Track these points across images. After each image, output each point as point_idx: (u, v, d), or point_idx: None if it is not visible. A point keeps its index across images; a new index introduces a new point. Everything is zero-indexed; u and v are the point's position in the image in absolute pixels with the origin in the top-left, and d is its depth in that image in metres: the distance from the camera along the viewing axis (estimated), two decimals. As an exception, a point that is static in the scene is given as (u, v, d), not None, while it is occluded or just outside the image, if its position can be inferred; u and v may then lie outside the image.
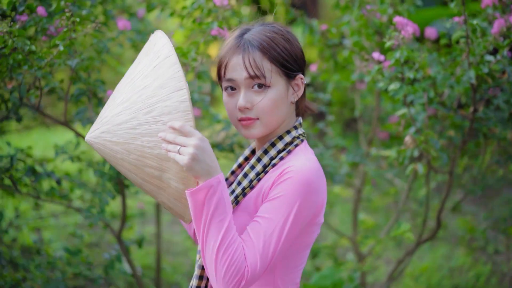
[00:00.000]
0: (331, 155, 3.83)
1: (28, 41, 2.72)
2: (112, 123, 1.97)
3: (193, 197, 1.89)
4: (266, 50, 2.00)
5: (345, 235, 3.80)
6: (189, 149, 1.86)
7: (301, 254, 2.08)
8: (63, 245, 5.56)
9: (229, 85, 2.05)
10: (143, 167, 1.97)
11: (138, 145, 1.94)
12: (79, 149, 3.81)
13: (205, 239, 1.89)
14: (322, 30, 3.63)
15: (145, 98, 1.94)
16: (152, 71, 1.96)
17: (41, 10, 2.99)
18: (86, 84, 3.22)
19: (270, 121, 2.03)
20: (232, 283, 1.86)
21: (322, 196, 2.01)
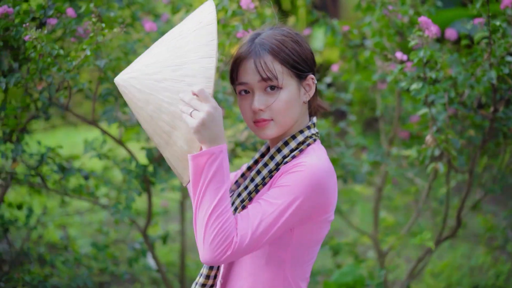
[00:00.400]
0: (352, 154, 3.86)
1: (56, 46, 2.78)
2: (141, 72, 2.05)
3: (195, 161, 1.94)
4: (277, 52, 2.05)
5: (366, 233, 3.81)
6: (200, 114, 1.91)
7: (310, 250, 2.12)
8: (88, 242, 5.62)
9: (242, 88, 2.10)
10: (157, 119, 2.03)
11: (158, 98, 2.01)
12: (106, 147, 3.86)
13: (199, 203, 1.93)
14: (344, 31, 3.65)
15: (176, 57, 2.01)
16: (190, 34, 2.03)
17: (70, 12, 3.04)
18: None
19: (284, 121, 2.08)
20: (218, 249, 1.90)
21: (329, 196, 2.04)
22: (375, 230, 3.73)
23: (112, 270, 4.72)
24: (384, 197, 4.20)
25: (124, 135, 4.11)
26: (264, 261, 2.10)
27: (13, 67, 3.19)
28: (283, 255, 2.08)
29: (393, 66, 2.99)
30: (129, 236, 5.84)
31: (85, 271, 4.57)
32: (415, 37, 2.73)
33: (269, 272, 2.09)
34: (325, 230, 2.13)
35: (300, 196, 1.96)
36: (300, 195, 1.96)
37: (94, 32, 2.76)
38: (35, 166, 3.50)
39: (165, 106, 2.01)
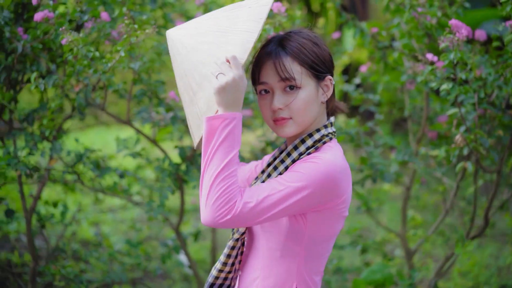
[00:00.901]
0: (380, 153, 3.88)
1: (91, 49, 2.84)
2: (191, 30, 2.14)
3: (209, 123, 2.00)
4: (296, 54, 2.11)
5: (394, 231, 3.82)
6: (225, 78, 1.99)
7: (324, 244, 2.16)
8: (121, 238, 5.69)
9: (263, 88, 2.16)
10: (190, 77, 2.11)
11: (196, 57, 2.09)
12: (139, 146, 3.92)
13: (208, 164, 1.99)
14: (373, 32, 3.67)
15: (225, 25, 2.08)
16: (244, 8, 2.11)
17: (105, 16, 3.10)
18: (147, 85, 3.33)
19: (302, 120, 2.13)
20: (219, 211, 1.94)
21: (340, 192, 2.07)
22: (403, 229, 3.74)
23: (145, 266, 4.78)
24: (412, 196, 4.20)
25: (158, 135, 4.16)
26: (279, 253, 2.14)
27: (51, 69, 3.26)
28: (297, 248, 2.12)
29: (423, 67, 3.00)
30: (161, 233, 5.91)
31: (118, 267, 4.64)
32: (445, 40, 2.74)
33: (284, 265, 2.14)
34: (338, 225, 2.16)
35: (309, 186, 2.00)
36: (310, 185, 2.00)
37: (127, 33, 2.81)
38: (72, 164, 3.57)
39: (199, 66, 2.08)
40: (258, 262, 2.20)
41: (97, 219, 6.59)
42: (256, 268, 2.21)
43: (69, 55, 2.85)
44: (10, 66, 3.36)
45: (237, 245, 2.25)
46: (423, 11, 3.17)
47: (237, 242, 2.24)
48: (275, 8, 2.98)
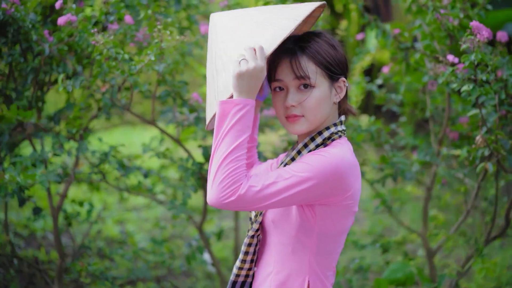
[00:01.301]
0: (403, 154, 3.90)
1: (121, 51, 2.89)
2: (232, 16, 2.21)
3: (222, 106, 2.06)
4: (312, 54, 2.15)
5: (415, 231, 3.83)
6: (246, 65, 2.04)
7: (335, 240, 2.19)
8: (145, 237, 5.75)
9: (277, 85, 2.19)
10: (219, 58, 2.17)
11: (229, 41, 2.15)
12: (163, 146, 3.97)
13: (218, 145, 2.04)
14: (395, 33, 3.67)
15: (261, 18, 2.14)
16: (287, 9, 2.18)
17: (128, 19, 3.15)
18: (171, 86, 3.37)
19: (314, 118, 2.16)
20: (224, 191, 1.99)
21: (346, 187, 2.10)
22: (424, 229, 3.75)
23: (169, 263, 4.83)
24: (435, 196, 4.21)
25: (181, 135, 4.21)
26: (290, 248, 2.18)
27: (77, 70, 3.32)
28: (308, 243, 2.16)
29: (444, 68, 3.01)
30: (185, 232, 5.96)
31: (143, 265, 4.69)
32: (466, 41, 2.75)
33: (295, 260, 2.18)
34: (347, 220, 2.19)
35: (314, 177, 2.04)
36: (315, 177, 2.04)
37: (158, 38, 2.86)
38: (97, 164, 3.62)
39: (229, 49, 2.13)
40: (271, 257, 2.25)
41: (122, 218, 6.66)
42: (270, 263, 2.25)
43: (97, 56, 2.90)
44: (37, 67, 3.42)
45: (253, 241, 2.29)
46: (445, 13, 3.17)
47: (253, 239, 2.29)
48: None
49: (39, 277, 4.59)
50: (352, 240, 4.21)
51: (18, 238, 5.92)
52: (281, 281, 2.21)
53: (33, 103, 3.65)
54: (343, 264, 4.68)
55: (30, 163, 3.36)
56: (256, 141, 2.51)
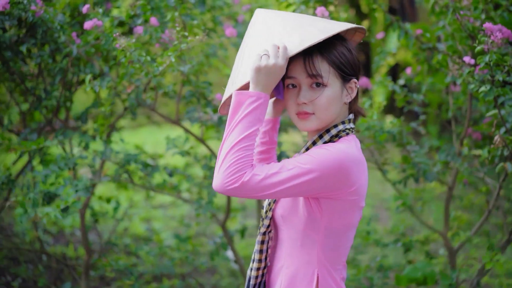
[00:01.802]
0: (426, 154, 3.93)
1: (143, 53, 2.97)
2: (276, 14, 2.26)
3: (237, 97, 2.13)
4: (327, 54, 2.19)
5: (437, 230, 3.86)
6: (266, 61, 2.11)
7: (342, 234, 2.23)
8: (171, 234, 5.83)
9: (291, 82, 2.24)
10: (248, 47, 2.24)
11: (264, 35, 2.21)
12: (188, 145, 4.05)
13: (229, 134, 2.12)
14: (417, 34, 3.71)
15: (298, 24, 2.20)
16: (326, 21, 2.26)
17: (153, 21, 3.23)
18: (195, 86, 3.45)
19: (324, 117, 2.21)
20: (228, 178, 2.06)
21: (350, 181, 2.14)
22: (445, 228, 3.77)
23: (192, 259, 4.91)
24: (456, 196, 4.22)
25: (205, 134, 4.28)
26: (299, 242, 2.24)
27: (103, 71, 3.41)
28: (315, 237, 2.21)
29: (463, 69, 3.04)
30: (209, 230, 6.03)
31: (168, 261, 4.78)
32: (481, 42, 2.78)
33: (304, 254, 2.24)
34: (354, 215, 2.24)
35: (317, 170, 2.09)
36: (318, 169, 2.09)
37: (178, 40, 2.93)
38: (122, 164, 3.72)
39: (258, 43, 2.20)
40: (282, 252, 2.31)
41: (148, 216, 6.77)
42: (281, 258, 2.31)
43: (122, 58, 2.98)
44: (65, 68, 3.52)
45: (266, 239, 2.35)
46: (465, 14, 3.20)
47: (265, 236, 2.35)
48: (319, 12, 3.07)
49: (67, 272, 4.70)
50: (374, 238, 4.25)
51: (47, 235, 6.05)
52: (291, 275, 2.27)
53: (60, 102, 3.75)
54: (365, 263, 4.73)
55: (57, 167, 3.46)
56: (276, 143, 2.57)
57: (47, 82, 3.80)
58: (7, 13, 3.27)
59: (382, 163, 3.76)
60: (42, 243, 4.70)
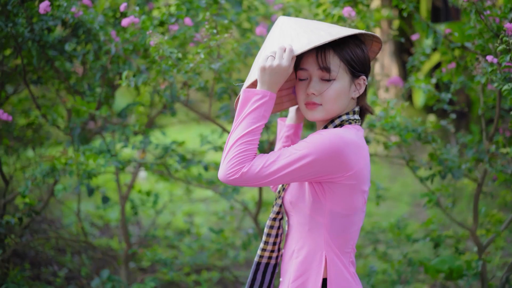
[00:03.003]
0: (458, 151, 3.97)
1: (175, 50, 3.11)
2: (292, 21, 2.39)
3: (245, 94, 2.28)
4: (338, 49, 2.32)
5: (466, 226, 3.90)
6: (272, 61, 2.25)
7: (347, 218, 2.34)
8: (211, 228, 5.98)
9: (302, 73, 2.37)
10: (263, 50, 2.38)
11: (281, 37, 2.35)
12: (221, 141, 4.18)
13: (236, 128, 2.27)
14: (446, 33, 3.75)
15: (312, 28, 2.33)
16: (337, 28, 2.37)
17: (187, 20, 3.37)
18: (227, 83, 3.57)
19: (330, 108, 2.34)
20: (230, 169, 2.21)
21: (345, 163, 2.24)
22: (474, 225, 3.81)
23: (224, 252, 5.03)
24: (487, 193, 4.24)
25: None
26: (307, 227, 2.36)
27: (140, 69, 3.57)
28: (321, 220, 2.33)
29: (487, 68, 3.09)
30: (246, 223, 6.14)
31: (205, 254, 4.91)
32: (503, 42, 2.84)
33: (312, 238, 2.36)
34: (356, 199, 2.34)
35: (313, 154, 2.21)
36: (314, 153, 2.21)
37: (207, 38, 3.07)
38: (160, 156, 3.87)
39: (274, 44, 2.34)
40: (293, 237, 2.43)
41: (191, 210, 6.93)
42: (293, 243, 2.43)
43: (155, 55, 3.13)
44: (105, 65, 3.69)
45: (275, 224, 2.48)
46: (493, 13, 3.23)
47: (274, 221, 2.48)
48: (346, 12, 3.16)
49: (109, 263, 4.89)
50: (405, 234, 4.31)
51: (94, 228, 6.28)
52: (301, 259, 2.39)
53: (101, 99, 3.92)
54: (395, 257, 4.78)
55: (99, 151, 3.64)
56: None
57: (91, 80, 3.98)
58: (50, 15, 3.45)
59: (409, 160, 3.82)
60: (86, 235, 4.89)
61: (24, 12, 3.44)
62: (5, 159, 4.96)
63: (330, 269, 2.35)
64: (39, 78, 4.04)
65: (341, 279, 2.36)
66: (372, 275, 4.16)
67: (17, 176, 5.16)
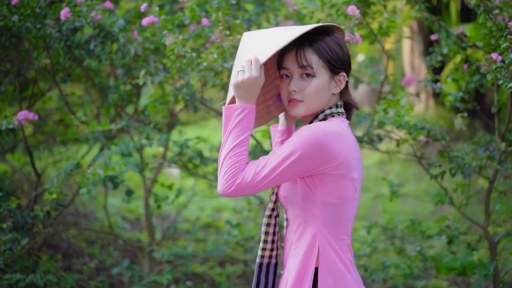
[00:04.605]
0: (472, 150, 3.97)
1: (189, 49, 3.18)
2: (253, 35, 2.48)
3: (226, 111, 2.38)
4: (317, 47, 2.39)
5: (478, 223, 3.88)
6: (242, 76, 2.34)
7: (339, 207, 2.38)
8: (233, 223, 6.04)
9: (284, 72, 2.45)
10: (234, 68, 2.45)
11: (241, 55, 2.42)
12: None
13: (224, 143, 2.36)
14: (458, 33, 3.75)
15: (270, 35, 2.42)
16: (296, 29, 2.40)
17: (205, 21, 3.44)
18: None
19: (311, 104, 2.40)
20: (226, 183, 2.30)
21: (329, 153, 2.30)
22: (486, 221, 3.79)
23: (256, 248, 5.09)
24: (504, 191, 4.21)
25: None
26: (302, 219, 2.42)
27: (158, 68, 3.65)
28: (315, 211, 2.38)
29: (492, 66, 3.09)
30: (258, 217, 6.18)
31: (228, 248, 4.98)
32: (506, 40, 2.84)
33: (307, 229, 2.41)
34: (346, 188, 2.38)
35: (298, 149, 2.28)
36: (299, 148, 2.28)
37: (220, 38, 3.13)
38: (178, 153, 3.95)
39: (241, 59, 2.41)
40: (291, 230, 2.49)
41: (219, 206, 7.02)
42: (291, 235, 2.49)
43: (170, 55, 3.20)
44: (127, 64, 3.78)
45: (271, 222, 2.53)
46: (498, 13, 3.22)
47: (270, 219, 2.53)
48: (350, 11, 3.18)
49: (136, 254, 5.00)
50: (420, 230, 4.31)
51: (125, 221, 6.41)
52: (299, 249, 2.44)
53: (125, 96, 4.02)
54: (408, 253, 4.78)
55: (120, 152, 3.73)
56: None
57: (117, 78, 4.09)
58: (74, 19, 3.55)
59: (420, 158, 3.82)
60: (112, 228, 5.01)
61: (52, 14, 3.55)
62: (38, 154, 5.11)
63: (322, 259, 2.40)
64: (69, 76, 4.16)
65: (333, 269, 2.40)
66: (385, 269, 4.18)
67: (49, 170, 5.31)
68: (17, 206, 3.60)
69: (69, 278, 3.95)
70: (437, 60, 4.10)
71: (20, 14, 3.46)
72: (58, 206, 3.89)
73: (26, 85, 4.45)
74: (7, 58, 3.86)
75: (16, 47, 3.76)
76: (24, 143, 4.03)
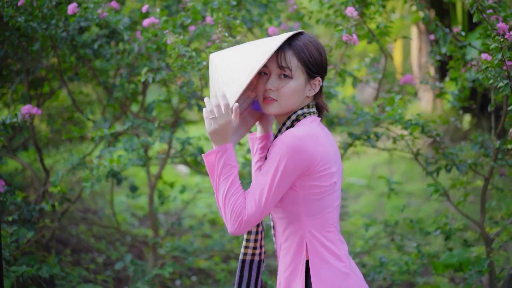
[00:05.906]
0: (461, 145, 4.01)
1: (189, 49, 3.25)
2: (223, 56, 2.48)
3: (206, 159, 2.41)
4: (298, 51, 2.43)
5: (473, 219, 3.92)
6: (214, 124, 2.37)
7: (321, 201, 2.43)
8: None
9: (263, 70, 2.47)
10: (212, 85, 2.48)
11: (218, 74, 2.45)
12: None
13: (216, 190, 2.39)
14: (454, 32, 3.79)
15: (237, 60, 2.42)
16: (268, 41, 2.43)
17: (209, 19, 3.51)
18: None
19: (285, 104, 2.45)
20: (235, 224, 2.33)
21: (309, 154, 2.35)
22: (481, 217, 3.83)
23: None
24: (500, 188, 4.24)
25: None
26: (287, 220, 2.47)
27: (160, 66, 3.72)
28: (297, 209, 2.43)
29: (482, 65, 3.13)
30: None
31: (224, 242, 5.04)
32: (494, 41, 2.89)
33: (293, 227, 2.46)
34: (326, 181, 2.43)
35: (282, 159, 2.33)
36: (282, 158, 2.33)
37: (220, 39, 3.20)
38: (180, 149, 4.03)
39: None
40: (278, 232, 2.54)
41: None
42: (279, 237, 2.54)
43: (171, 53, 3.27)
44: (130, 63, 3.86)
45: None
46: (491, 13, 3.26)
47: None
48: (348, 12, 3.24)
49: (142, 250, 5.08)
50: (419, 227, 4.34)
51: (134, 218, 6.49)
52: (287, 249, 2.50)
53: (128, 95, 4.10)
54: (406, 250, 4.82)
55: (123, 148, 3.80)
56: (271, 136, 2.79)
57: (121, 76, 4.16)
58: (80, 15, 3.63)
59: (415, 154, 3.87)
60: (118, 224, 5.09)
61: (58, 14, 3.63)
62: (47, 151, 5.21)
63: (311, 255, 2.45)
64: (76, 75, 4.24)
65: (324, 261, 2.46)
66: (383, 266, 4.22)
67: (57, 167, 5.41)
68: (24, 200, 3.67)
69: (75, 272, 4.03)
70: (436, 59, 4.14)
71: (28, 15, 3.54)
72: (64, 200, 3.97)
73: (38, 84, 4.54)
74: (16, 57, 3.95)
75: (25, 46, 3.85)
76: (33, 140, 4.12)
